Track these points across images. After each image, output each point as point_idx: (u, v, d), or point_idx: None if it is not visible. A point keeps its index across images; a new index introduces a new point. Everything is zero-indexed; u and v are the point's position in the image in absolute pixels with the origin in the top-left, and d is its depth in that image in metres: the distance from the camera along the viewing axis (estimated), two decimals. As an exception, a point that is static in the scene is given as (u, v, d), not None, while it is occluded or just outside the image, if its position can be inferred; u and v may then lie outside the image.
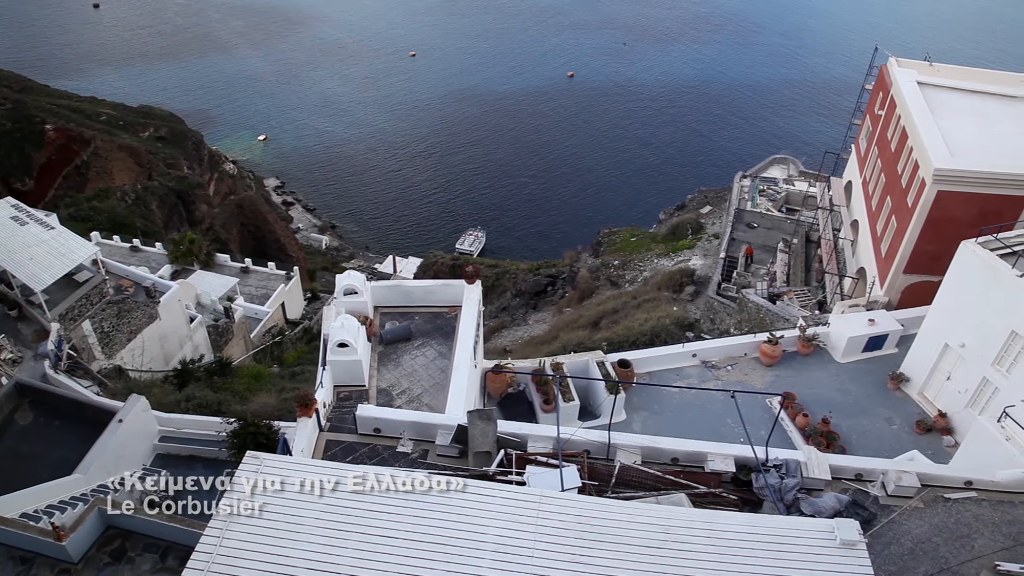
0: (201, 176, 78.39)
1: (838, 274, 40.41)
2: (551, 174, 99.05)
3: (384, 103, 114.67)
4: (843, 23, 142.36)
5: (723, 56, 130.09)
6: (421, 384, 20.99)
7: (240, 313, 47.34)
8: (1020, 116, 34.92)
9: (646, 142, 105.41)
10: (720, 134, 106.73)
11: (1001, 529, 16.64)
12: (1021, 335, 22.84)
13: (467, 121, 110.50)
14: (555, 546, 10.61)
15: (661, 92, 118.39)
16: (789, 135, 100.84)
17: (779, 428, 24.76)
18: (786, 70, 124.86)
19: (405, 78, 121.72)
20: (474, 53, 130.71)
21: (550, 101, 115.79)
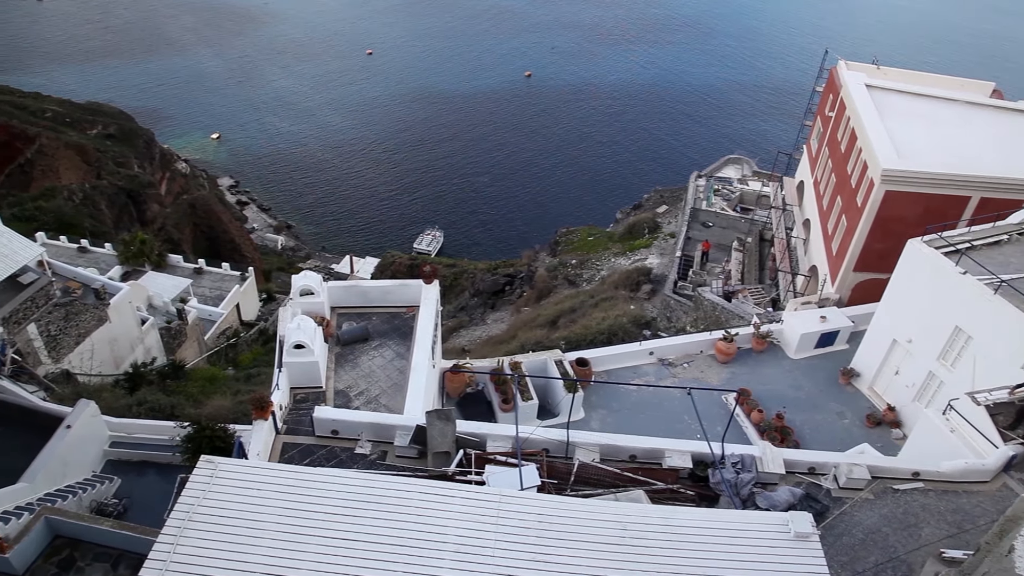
0: (152, 175, 76.65)
1: (791, 272, 41.20)
2: (509, 174, 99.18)
3: (341, 102, 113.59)
4: (794, 27, 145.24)
5: (679, 59, 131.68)
6: (379, 385, 20.83)
7: (193, 315, 46.49)
8: (963, 119, 36.01)
9: (603, 142, 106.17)
10: (676, 135, 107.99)
11: (946, 518, 17.16)
12: (964, 330, 23.54)
13: (425, 121, 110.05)
14: (515, 545, 10.61)
15: (618, 93, 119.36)
16: (743, 136, 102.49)
17: (735, 424, 25.16)
18: (740, 73, 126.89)
19: (362, 77, 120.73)
20: (432, 52, 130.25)
21: (508, 101, 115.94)
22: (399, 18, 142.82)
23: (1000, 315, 21.77)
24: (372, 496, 11.12)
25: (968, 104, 37.42)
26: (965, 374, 23.08)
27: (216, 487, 10.94)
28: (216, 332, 49.83)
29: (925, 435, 20.41)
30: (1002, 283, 22.06)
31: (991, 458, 18.06)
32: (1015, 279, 22.60)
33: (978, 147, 33.34)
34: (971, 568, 10.84)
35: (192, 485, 10.94)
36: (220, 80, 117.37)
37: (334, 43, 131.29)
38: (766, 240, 48.09)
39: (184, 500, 10.69)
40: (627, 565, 10.48)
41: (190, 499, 10.71)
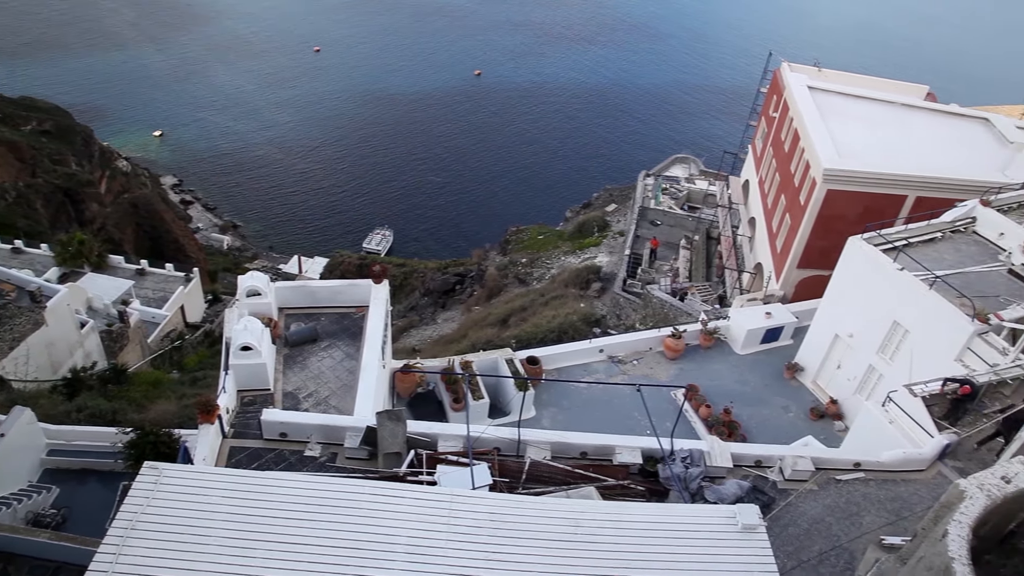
0: (91, 173, 74.29)
1: (737, 269, 41.99)
2: (459, 173, 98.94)
3: (288, 99, 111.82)
4: (739, 30, 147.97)
5: (627, 60, 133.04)
6: (328, 386, 20.58)
7: (136, 317, 45.29)
8: (899, 121, 37.14)
9: (553, 141, 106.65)
10: (624, 134, 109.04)
11: (886, 506, 17.70)
12: (902, 325, 24.30)
13: (374, 119, 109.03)
14: (467, 544, 10.59)
15: (567, 93, 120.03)
16: (690, 136, 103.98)
17: (683, 419, 25.52)
18: (686, 74, 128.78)
19: (310, 75, 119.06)
20: (381, 50, 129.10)
21: (458, 101, 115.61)
22: (347, 15, 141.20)
23: (935, 310, 22.52)
24: (322, 499, 10.97)
25: (904, 106, 38.62)
26: (903, 367, 23.82)
27: (160, 494, 10.67)
28: (160, 335, 48.65)
29: (866, 427, 21.01)
30: (936, 279, 22.83)
31: (927, 447, 18.68)
32: (948, 275, 23.43)
33: (914, 148, 34.45)
34: (908, 553, 11.18)
35: (135, 492, 10.64)
36: (163, 76, 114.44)
37: (281, 40, 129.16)
38: (713, 238, 48.91)
39: (127, 508, 10.39)
40: (579, 562, 10.55)
41: (133, 507, 10.41)
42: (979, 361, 21.21)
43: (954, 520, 9.91)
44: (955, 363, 21.58)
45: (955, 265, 24.64)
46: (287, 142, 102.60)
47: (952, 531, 9.72)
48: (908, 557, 11.13)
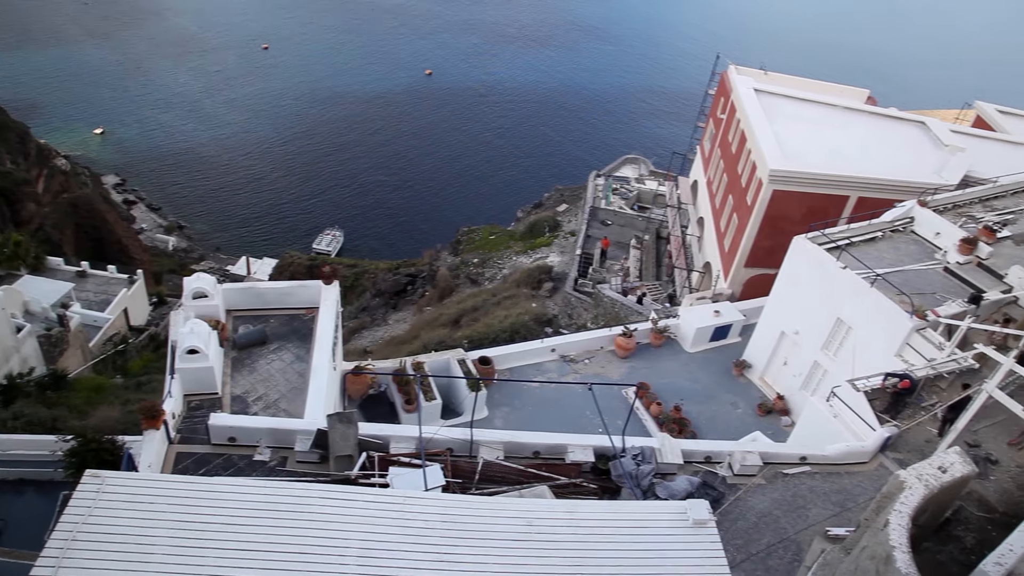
0: (28, 172, 71.74)
1: (686, 268, 42.59)
2: (409, 173, 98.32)
3: (236, 98, 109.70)
4: (687, 33, 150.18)
5: (577, 62, 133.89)
6: (278, 389, 20.25)
7: (76, 321, 43.92)
8: (842, 123, 38.10)
9: (504, 142, 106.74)
10: (575, 135, 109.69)
11: (831, 498, 18.16)
12: (844, 321, 24.95)
13: (323, 118, 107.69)
14: (420, 546, 10.51)
15: (518, 94, 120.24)
16: (640, 136, 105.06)
17: (634, 417, 25.79)
18: (636, 76, 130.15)
19: (257, 72, 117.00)
20: (330, 48, 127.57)
21: (408, 100, 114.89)
22: (295, 13, 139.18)
23: (876, 307, 23.17)
24: (272, 504, 10.77)
25: (846, 109, 39.63)
26: (846, 363, 24.44)
27: (103, 503, 10.32)
28: (102, 339, 47.31)
29: (811, 421, 21.52)
30: (877, 277, 23.48)
31: (869, 440, 19.22)
32: (888, 273, 24.12)
33: (855, 150, 35.38)
34: (852, 543, 11.46)
35: (76, 502, 10.28)
36: (104, 73, 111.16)
37: (228, 37, 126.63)
38: (663, 238, 49.53)
39: (67, 519, 10.02)
40: (533, 560, 10.57)
41: (74, 517, 10.06)
42: (917, 356, 21.89)
43: (895, 510, 10.20)
44: (895, 358, 22.23)
45: (894, 263, 25.38)
46: (235, 141, 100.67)
47: (893, 521, 10.00)
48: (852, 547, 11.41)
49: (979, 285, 24.25)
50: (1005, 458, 17.25)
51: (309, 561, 10.02)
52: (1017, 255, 26.06)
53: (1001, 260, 25.56)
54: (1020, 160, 36.57)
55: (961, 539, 13.28)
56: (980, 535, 13.33)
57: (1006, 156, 38.14)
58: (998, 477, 16.56)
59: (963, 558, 12.42)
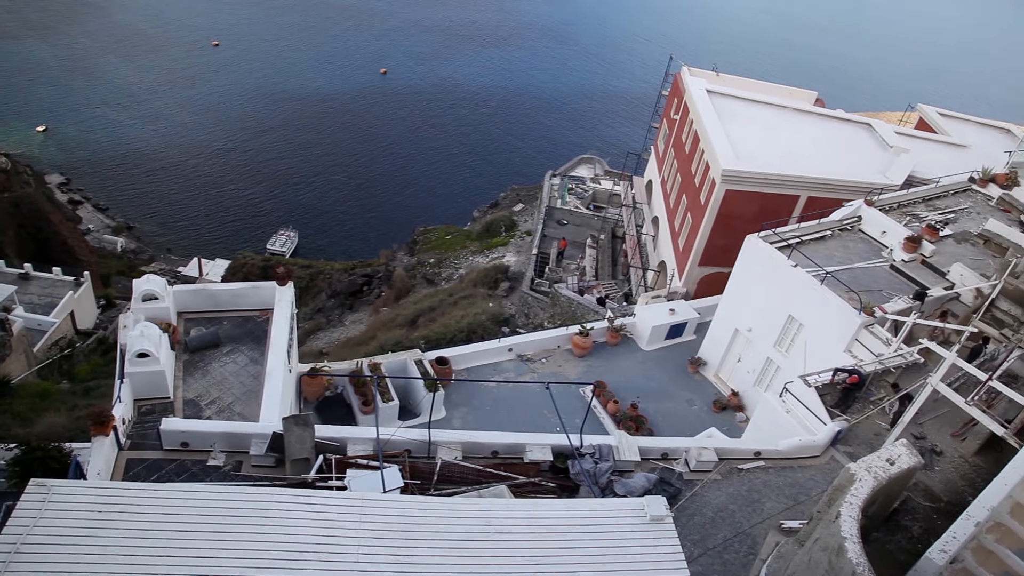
0: (-35, 171, 69.34)
1: (642, 267, 43.02)
2: (365, 172, 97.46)
3: (185, 95, 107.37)
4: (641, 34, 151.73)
5: (533, 63, 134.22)
6: (232, 392, 19.91)
7: (19, 324, 42.58)
8: (791, 124, 38.90)
9: (460, 141, 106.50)
10: (530, 135, 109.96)
11: (784, 492, 18.52)
12: (796, 319, 25.45)
13: (276, 116, 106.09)
14: (379, 548, 10.43)
15: (474, 94, 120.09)
16: (595, 136, 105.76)
17: (592, 415, 25.95)
18: (591, 76, 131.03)
19: (208, 69, 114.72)
20: (282, 46, 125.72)
21: (363, 99, 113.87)
22: (245, 8, 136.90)
23: (825, 304, 23.69)
24: (227, 509, 10.58)
25: (795, 111, 40.48)
26: (798, 359, 24.94)
27: (49, 512, 10.01)
28: (47, 343, 45.96)
29: (765, 417, 21.91)
30: (827, 275, 24.01)
31: (821, 434, 19.64)
32: (837, 271, 24.68)
33: (805, 150, 36.16)
34: (806, 535, 11.70)
35: (20, 512, 9.94)
36: (48, 69, 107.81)
37: (177, 33, 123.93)
38: (618, 237, 49.96)
39: (10, 529, 9.69)
40: (492, 560, 10.56)
41: (18, 528, 9.72)
42: (866, 351, 22.45)
43: (846, 502, 10.45)
44: (845, 354, 22.76)
45: (843, 261, 25.99)
46: (185, 140, 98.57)
47: (844, 512, 10.25)
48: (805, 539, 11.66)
49: (923, 282, 24.97)
50: (949, 449, 17.79)
51: (266, 566, 9.87)
52: (958, 253, 26.93)
53: (943, 258, 26.37)
54: (960, 161, 37.79)
55: (909, 528, 13.67)
56: (926, 524, 13.73)
57: (947, 157, 39.39)
58: (943, 468, 17.08)
59: (911, 547, 12.79)
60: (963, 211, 30.47)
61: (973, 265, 25.31)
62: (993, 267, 25.00)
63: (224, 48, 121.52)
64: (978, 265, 25.63)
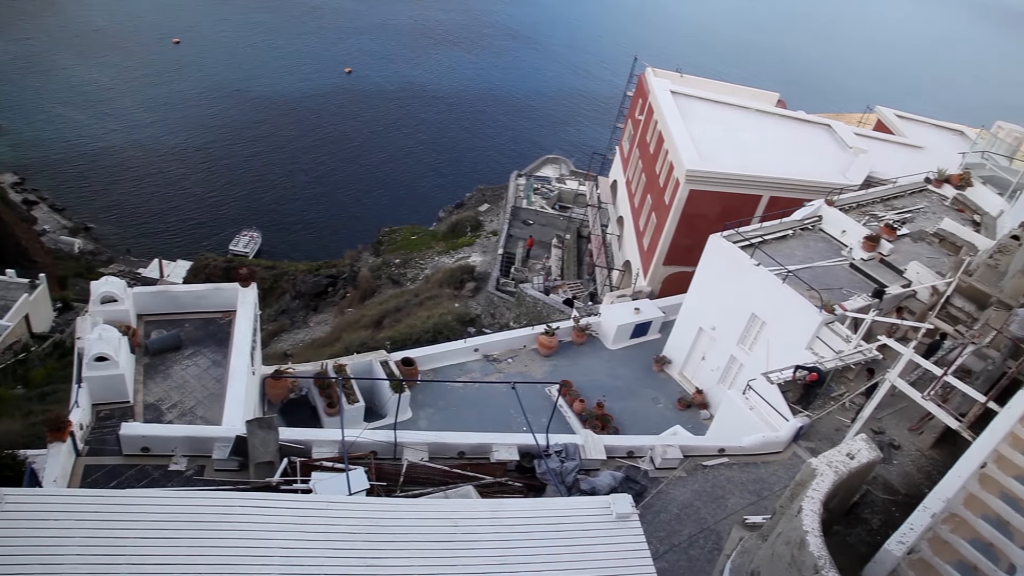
0: (-86, 172, 67.43)
1: (607, 267, 43.25)
2: (329, 173, 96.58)
3: (145, 94, 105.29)
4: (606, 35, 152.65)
5: (498, 64, 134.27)
6: (194, 396, 19.60)
7: (-29, 329, 41.54)
8: (754, 125, 39.42)
9: (425, 141, 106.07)
10: (496, 135, 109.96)
11: (748, 487, 18.77)
12: (759, 317, 25.81)
13: (239, 116, 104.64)
14: (345, 551, 10.35)
15: (440, 94, 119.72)
16: (560, 137, 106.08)
17: (558, 415, 26.00)
18: (556, 76, 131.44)
19: (168, 68, 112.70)
20: (245, 44, 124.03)
21: (328, 99, 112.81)
22: (209, 7, 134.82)
23: (787, 302, 24.05)
24: (189, 515, 10.41)
25: (758, 112, 41.03)
26: (761, 356, 25.30)
27: (3, 522, 9.77)
28: (1, 347, 44.81)
29: (728, 414, 22.17)
30: (789, 273, 24.39)
31: (783, 431, 19.94)
32: (799, 269, 25.08)
33: (767, 151, 36.67)
34: (769, 530, 11.87)
35: (-29, 522, 9.70)
36: (1, 66, 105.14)
37: (135, 30, 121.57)
38: (584, 237, 50.17)
39: (-39, 541, 9.45)
40: (459, 561, 10.55)
41: (-31, 539, 9.48)
42: (827, 348, 22.84)
43: (807, 497, 10.62)
44: (806, 351, 23.13)
45: (804, 260, 26.42)
46: (146, 139, 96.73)
47: (806, 507, 10.41)
48: (769, 534, 11.83)
49: (881, 280, 25.49)
50: (907, 443, 18.19)
51: (230, 572, 9.74)
52: (915, 252, 27.54)
53: (901, 256, 26.96)
54: (916, 162, 38.63)
55: (868, 521, 13.94)
56: (885, 516, 14.02)
57: (904, 158, 40.24)
58: (900, 461, 17.45)
59: (870, 539, 13.04)
60: (919, 211, 31.17)
61: (929, 263, 25.91)
62: (948, 265, 25.62)
63: (185, 46, 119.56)
64: (934, 263, 26.26)
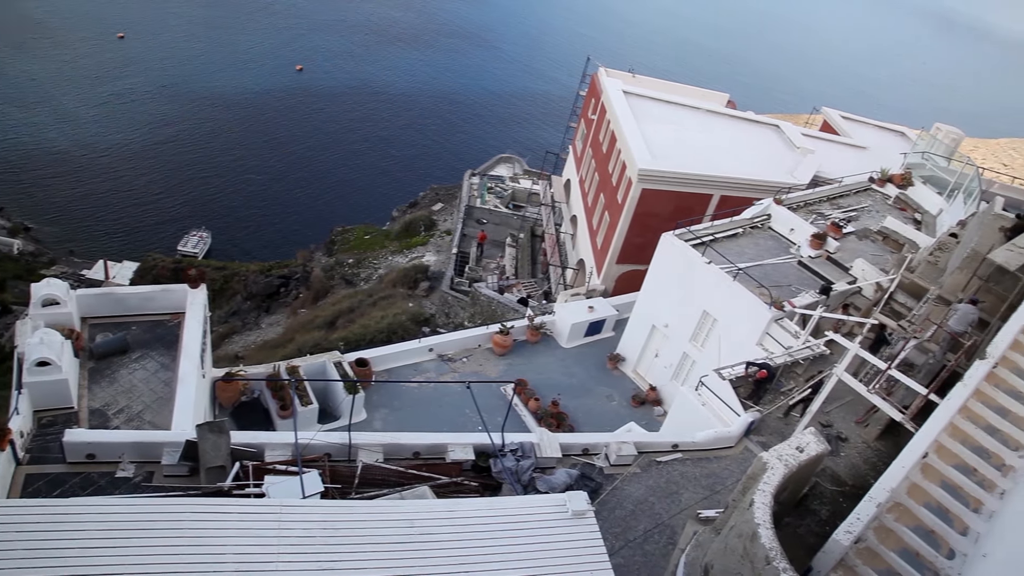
0: None
1: (561, 266, 43.45)
2: (280, 171, 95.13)
3: (89, 90, 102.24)
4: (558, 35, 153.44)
5: (451, 63, 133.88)
6: (142, 400, 19.14)
7: (-97, 333, 39.87)
8: (704, 125, 40.01)
9: (378, 140, 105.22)
10: (450, 134, 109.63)
11: (701, 482, 19.03)
12: (710, 314, 26.21)
13: (186, 113, 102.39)
14: (300, 555, 10.22)
15: (393, 93, 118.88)
16: (514, 136, 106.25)
17: (513, 413, 26.08)
18: (509, 75, 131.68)
19: (114, 64, 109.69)
20: (193, 40, 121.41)
21: (279, 97, 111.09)
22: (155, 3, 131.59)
23: (738, 299, 24.47)
24: (137, 522, 10.15)
25: (709, 112, 41.65)
26: (713, 353, 25.67)
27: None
28: (-65, 352, 43.14)
29: (682, 410, 22.47)
30: (739, 271, 24.81)
31: (735, 426, 20.28)
32: (749, 267, 25.54)
33: (718, 150, 37.25)
34: (722, 524, 12.06)
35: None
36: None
37: (78, 23, 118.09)
38: (537, 236, 50.32)
39: None
40: (416, 562, 10.49)
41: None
42: (776, 344, 23.30)
43: (759, 490, 10.81)
44: (757, 347, 23.56)
45: (754, 258, 26.91)
46: (89, 136, 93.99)
47: (757, 500, 10.60)
48: (722, 527, 12.01)
49: (828, 277, 26.10)
50: (853, 435, 18.66)
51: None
52: (860, 249, 28.27)
53: (847, 254, 27.66)
54: (861, 161, 39.69)
55: (817, 512, 14.26)
56: (833, 507, 14.36)
57: (849, 158, 41.29)
58: (847, 453, 17.90)
59: (819, 529, 13.35)
60: (864, 209, 32.00)
61: (873, 260, 26.63)
62: (891, 262, 26.37)
63: (130, 41, 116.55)
64: (878, 260, 27.00)
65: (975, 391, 13.63)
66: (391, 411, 25.97)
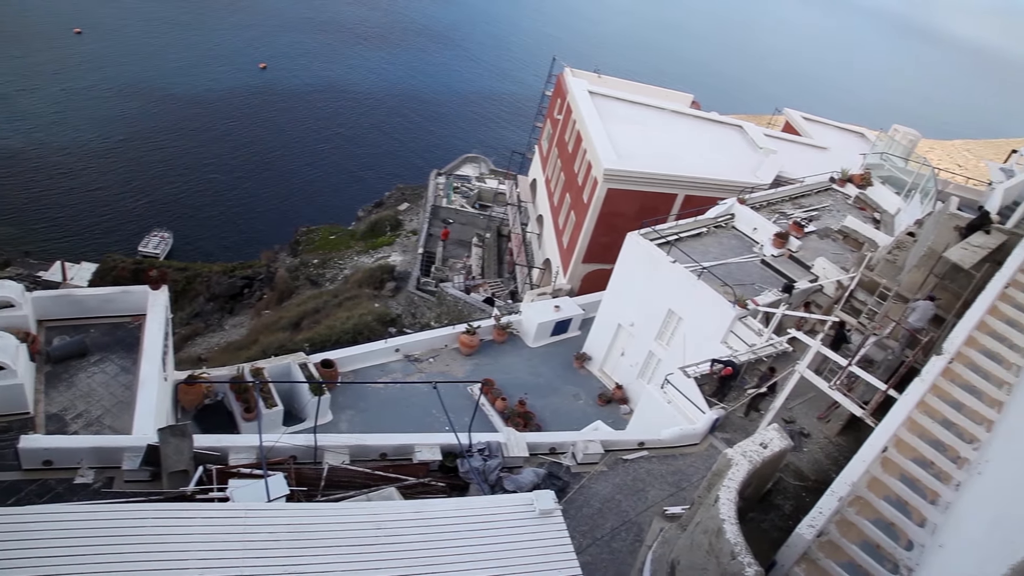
0: None
1: (527, 265, 43.53)
2: (244, 171, 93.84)
3: (45, 87, 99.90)
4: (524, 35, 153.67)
5: (417, 62, 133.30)
6: (101, 404, 18.75)
7: None
8: (669, 125, 40.37)
9: (343, 140, 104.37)
10: (415, 134, 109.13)
11: (667, 479, 19.21)
12: (676, 313, 26.44)
13: (148, 111, 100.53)
14: (266, 559, 10.10)
15: (357, 92, 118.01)
16: (480, 136, 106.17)
17: (480, 413, 26.00)
18: (474, 75, 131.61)
19: (70, 61, 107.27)
20: (154, 35, 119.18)
21: (241, 96, 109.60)
22: None
23: (702, 297, 24.73)
24: (97, 529, 9.94)
25: (673, 112, 42.03)
26: (678, 351, 25.92)
27: None
28: None
29: (648, 408, 22.63)
30: (704, 270, 25.07)
31: (700, 423, 20.49)
32: (713, 266, 25.83)
33: (682, 150, 37.60)
34: (688, 520, 12.17)
35: None
36: None
37: (32, 18, 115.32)
38: (504, 235, 50.35)
39: None
40: (383, 563, 10.44)
41: None
42: (740, 342, 23.59)
43: (724, 486, 10.93)
44: (721, 345, 23.83)
45: (719, 257, 27.22)
46: (45, 135, 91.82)
47: (722, 496, 10.72)
48: (688, 523, 12.12)
49: (791, 275, 26.49)
50: (815, 431, 18.98)
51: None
52: (821, 248, 28.75)
53: (808, 252, 28.10)
54: (822, 162, 40.34)
55: (781, 507, 14.47)
56: (796, 502, 14.58)
57: (810, 158, 41.96)
58: (810, 449, 18.19)
59: (783, 524, 13.55)
60: (825, 209, 32.54)
61: (834, 259, 27.11)
62: (851, 261, 26.85)
63: (88, 37, 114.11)
64: (838, 259, 27.48)
65: (932, 386, 13.94)
66: (357, 412, 25.78)
